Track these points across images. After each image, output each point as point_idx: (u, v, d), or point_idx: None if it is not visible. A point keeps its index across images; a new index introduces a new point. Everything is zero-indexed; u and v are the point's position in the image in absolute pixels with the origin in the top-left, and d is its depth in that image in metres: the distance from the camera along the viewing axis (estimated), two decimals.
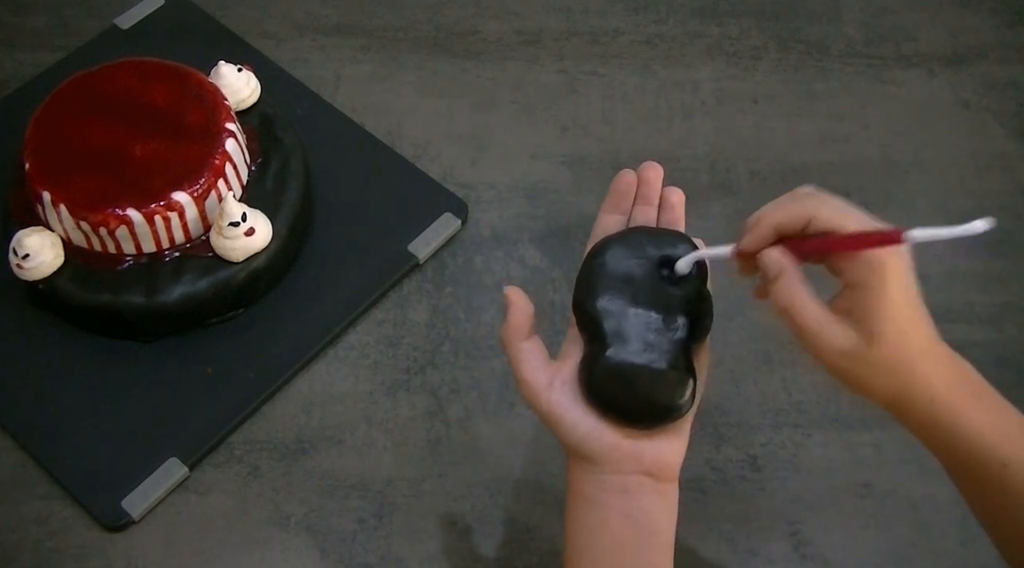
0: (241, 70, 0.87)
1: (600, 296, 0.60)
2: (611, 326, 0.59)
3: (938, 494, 0.79)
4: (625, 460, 0.58)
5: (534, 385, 0.59)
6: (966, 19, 1.08)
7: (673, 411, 0.58)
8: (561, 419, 0.59)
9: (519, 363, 0.60)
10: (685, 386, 0.59)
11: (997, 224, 0.54)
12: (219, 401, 0.80)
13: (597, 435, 0.58)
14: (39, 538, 0.75)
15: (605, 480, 0.59)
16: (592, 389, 0.58)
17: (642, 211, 0.67)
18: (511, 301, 0.61)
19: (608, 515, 0.58)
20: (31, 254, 0.79)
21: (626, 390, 0.58)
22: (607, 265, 0.61)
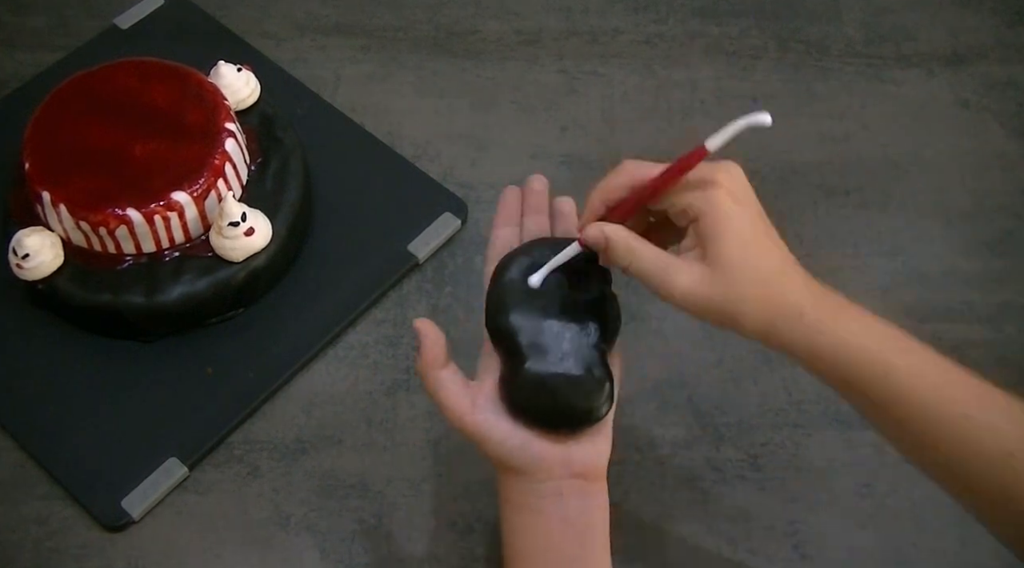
0: (241, 70, 0.87)
1: (512, 312, 0.62)
2: (526, 340, 0.61)
3: (938, 494, 0.79)
4: (555, 466, 0.60)
5: (457, 410, 0.61)
6: (966, 19, 1.08)
7: (593, 414, 0.60)
8: (488, 436, 0.60)
9: (439, 391, 0.61)
10: (603, 389, 0.60)
11: (997, 224, 0.54)
12: (219, 401, 0.80)
13: (525, 446, 0.60)
14: (39, 538, 0.75)
15: (539, 488, 0.60)
16: (515, 403, 0.60)
17: (533, 220, 0.68)
18: (423, 334, 0.63)
19: (546, 520, 0.60)
20: (31, 254, 0.79)
21: (548, 399, 0.59)
22: (514, 280, 0.63)
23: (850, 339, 0.57)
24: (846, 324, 0.57)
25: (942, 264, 0.90)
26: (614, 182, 0.60)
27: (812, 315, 0.57)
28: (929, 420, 0.57)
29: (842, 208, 0.94)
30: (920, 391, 0.57)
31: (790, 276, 0.58)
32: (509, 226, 0.68)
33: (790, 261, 0.58)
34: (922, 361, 0.58)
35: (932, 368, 0.58)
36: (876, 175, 0.96)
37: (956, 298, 0.89)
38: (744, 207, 0.57)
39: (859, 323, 0.58)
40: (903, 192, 0.95)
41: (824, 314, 0.57)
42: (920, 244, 0.92)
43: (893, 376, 0.56)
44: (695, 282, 0.56)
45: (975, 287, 0.89)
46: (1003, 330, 0.87)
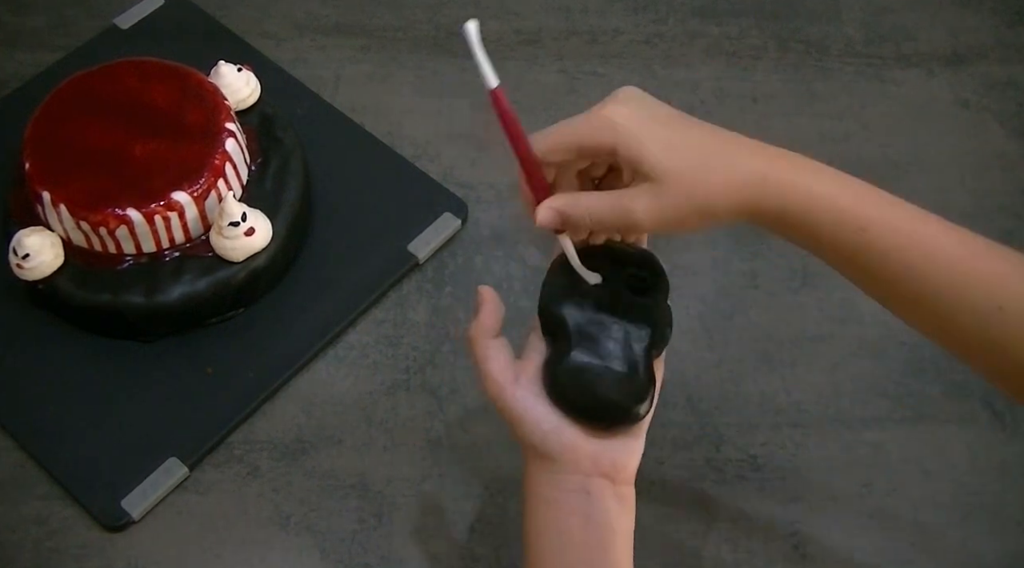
0: (241, 70, 0.87)
1: (566, 301, 0.62)
2: (575, 330, 0.61)
3: (938, 494, 0.80)
4: (584, 460, 0.59)
5: (500, 381, 0.60)
6: (966, 19, 1.08)
7: (631, 413, 0.60)
8: (524, 416, 0.60)
9: (486, 360, 0.61)
10: (644, 391, 0.60)
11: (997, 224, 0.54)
12: (219, 401, 0.80)
13: (558, 433, 0.59)
14: (39, 538, 0.75)
15: (565, 480, 0.59)
16: (555, 387, 0.60)
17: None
18: (484, 299, 0.62)
19: (567, 516, 0.59)
20: (31, 254, 0.79)
21: (588, 390, 0.59)
22: (573, 273, 0.63)
23: (822, 195, 0.56)
24: (816, 181, 0.57)
25: None
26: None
27: (776, 176, 0.56)
28: (913, 275, 0.56)
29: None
30: (900, 246, 0.56)
31: (733, 148, 0.57)
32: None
33: (726, 137, 0.58)
34: (900, 214, 0.57)
35: (910, 221, 0.57)
36: (876, 175, 0.95)
37: None
38: (642, 117, 0.57)
39: (830, 180, 0.57)
40: (903, 192, 0.94)
41: (787, 173, 0.56)
42: None
43: (871, 231, 0.56)
44: (650, 201, 0.56)
45: None
46: None
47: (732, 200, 0.56)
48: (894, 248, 0.56)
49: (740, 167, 0.56)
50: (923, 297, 0.56)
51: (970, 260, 0.56)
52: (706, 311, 0.87)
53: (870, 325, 0.87)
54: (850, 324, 0.87)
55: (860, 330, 0.87)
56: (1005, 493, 0.79)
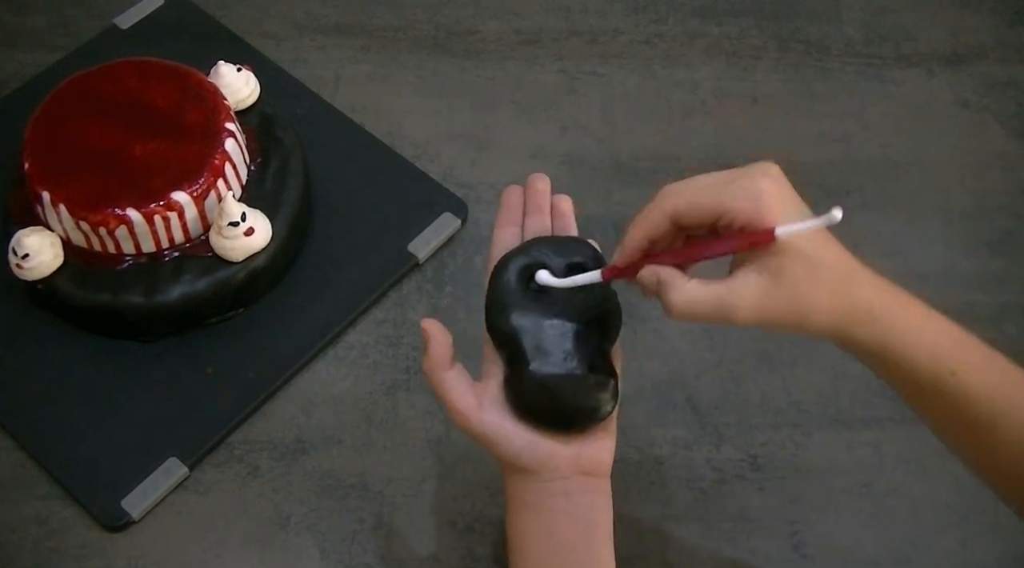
0: (241, 70, 0.87)
1: (512, 313, 0.61)
2: (528, 341, 0.60)
3: (938, 494, 0.79)
4: (563, 465, 0.60)
5: (464, 410, 0.60)
6: (966, 19, 1.08)
7: (599, 412, 0.60)
8: (495, 437, 0.60)
9: (446, 392, 0.61)
10: (607, 387, 0.60)
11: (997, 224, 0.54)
12: (219, 401, 0.80)
13: (532, 447, 0.60)
14: (39, 538, 0.75)
15: (547, 487, 0.60)
16: (521, 404, 0.60)
17: (535, 220, 0.68)
18: (430, 334, 0.62)
19: (552, 518, 0.60)
20: (31, 254, 0.79)
21: (553, 400, 0.59)
22: (513, 281, 0.62)
23: (919, 336, 0.56)
24: (914, 320, 0.56)
25: (942, 264, 0.90)
26: (655, 213, 0.57)
27: (883, 315, 0.56)
28: (996, 421, 0.56)
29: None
30: (988, 391, 0.56)
31: (857, 275, 0.56)
32: (511, 227, 0.68)
33: (852, 260, 0.56)
34: (990, 362, 0.57)
35: (999, 368, 0.57)
36: (876, 175, 0.96)
37: (956, 298, 0.89)
38: (790, 204, 0.55)
39: (926, 320, 0.57)
40: (903, 192, 0.95)
41: (894, 313, 0.56)
42: (920, 244, 0.92)
43: (961, 375, 0.56)
44: (758, 302, 0.54)
45: (975, 287, 0.89)
46: (1003, 330, 0.87)
47: (833, 322, 0.55)
48: (983, 392, 0.56)
49: (856, 297, 0.55)
50: (999, 445, 0.56)
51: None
52: None
53: None
54: None
55: None
56: None
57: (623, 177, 0.95)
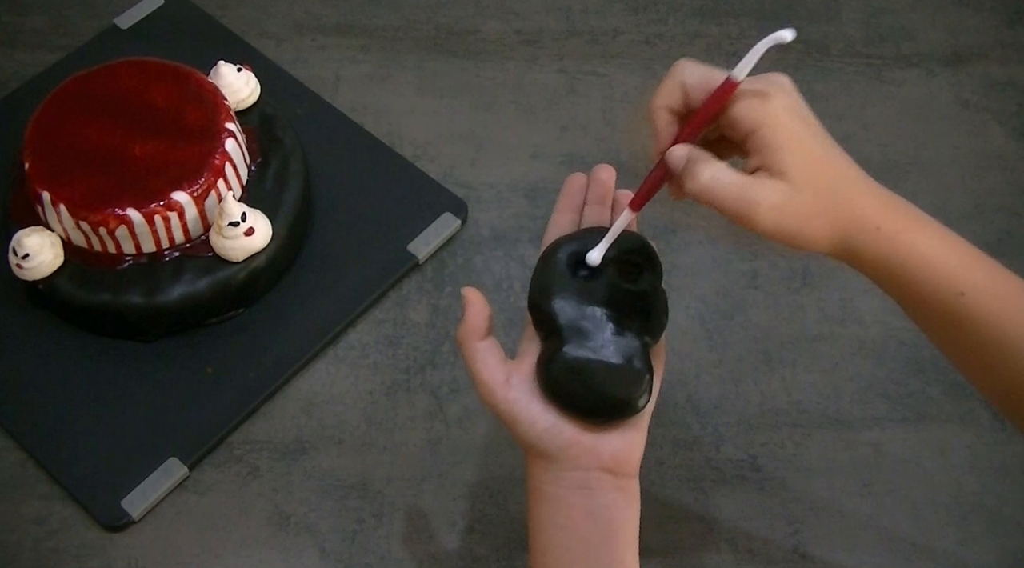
0: (241, 70, 0.87)
1: (556, 295, 0.61)
2: (567, 323, 0.59)
3: (938, 494, 0.80)
4: (584, 456, 0.58)
5: (491, 383, 0.59)
6: (966, 19, 1.08)
7: (629, 406, 0.59)
8: (519, 416, 0.59)
9: (475, 363, 0.60)
10: (641, 381, 0.59)
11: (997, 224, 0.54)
12: (219, 401, 0.80)
13: (555, 431, 0.58)
14: (39, 538, 0.75)
15: (565, 477, 0.59)
16: (550, 385, 0.59)
17: (594, 211, 0.67)
18: (469, 301, 0.61)
19: (570, 513, 0.59)
20: (31, 254, 0.79)
21: (583, 385, 0.58)
22: (562, 264, 0.62)
23: (926, 253, 0.55)
24: (923, 238, 0.55)
25: None
26: (669, 82, 0.57)
27: (888, 227, 0.55)
28: (1004, 346, 0.55)
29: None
30: (996, 313, 0.55)
31: (862, 186, 0.56)
32: (569, 212, 0.67)
33: (858, 171, 0.56)
34: (1001, 282, 0.56)
35: (1010, 291, 0.56)
36: (876, 175, 0.95)
37: None
38: (800, 116, 0.55)
39: (936, 238, 0.56)
40: (903, 192, 0.95)
41: (900, 226, 0.55)
42: None
43: (969, 296, 0.55)
44: (775, 203, 0.54)
45: None
46: None
47: (836, 236, 0.55)
48: (991, 314, 0.55)
49: (861, 208, 0.55)
50: (1007, 366, 0.55)
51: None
52: (706, 311, 0.87)
53: (870, 325, 0.87)
54: (850, 324, 0.87)
55: (860, 330, 0.87)
56: (1005, 493, 0.79)
57: (623, 177, 0.94)
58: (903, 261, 0.55)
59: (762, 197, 0.54)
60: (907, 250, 0.55)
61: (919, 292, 0.56)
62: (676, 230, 0.91)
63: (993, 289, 0.55)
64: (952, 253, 0.56)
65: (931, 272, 0.55)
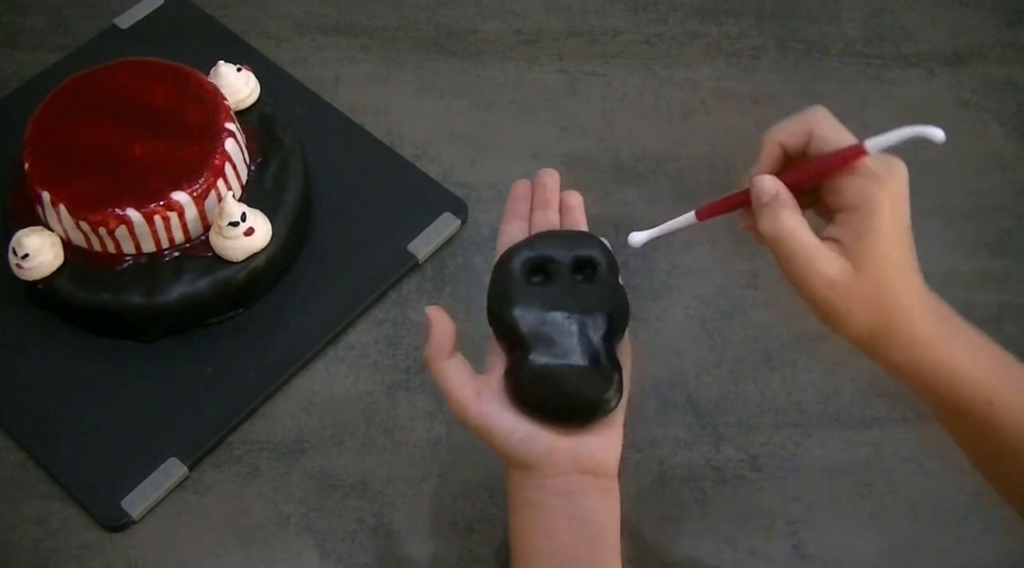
0: (240, 70, 0.87)
1: (516, 303, 0.61)
2: (530, 332, 0.60)
3: (938, 494, 0.80)
4: (562, 461, 0.59)
5: (462, 400, 0.59)
6: (965, 19, 1.08)
7: (602, 406, 0.59)
8: (493, 429, 0.59)
9: (445, 381, 0.60)
10: (611, 380, 0.59)
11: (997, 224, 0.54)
12: (219, 401, 0.80)
13: (531, 440, 0.59)
14: (39, 538, 0.75)
15: (546, 484, 0.59)
16: (520, 395, 0.59)
17: (542, 216, 0.67)
18: (433, 321, 0.61)
19: (553, 518, 0.59)
20: (31, 254, 0.79)
21: (553, 391, 0.58)
22: (517, 272, 0.62)
23: (956, 362, 0.55)
24: (954, 346, 0.56)
25: (942, 264, 0.90)
26: (792, 126, 0.58)
27: (924, 343, 0.55)
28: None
29: None
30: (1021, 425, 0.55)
31: (916, 291, 0.56)
32: (517, 221, 0.67)
33: (918, 275, 0.56)
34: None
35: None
36: None
37: (956, 298, 0.88)
38: (901, 213, 0.55)
39: (968, 346, 0.56)
40: None
41: (937, 341, 0.55)
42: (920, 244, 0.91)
43: (998, 405, 0.55)
44: (835, 280, 0.54)
45: (975, 287, 0.89)
46: (1003, 330, 0.87)
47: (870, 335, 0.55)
48: (1018, 423, 0.55)
49: (909, 316, 0.55)
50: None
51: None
52: (706, 311, 0.87)
53: None
54: None
55: None
56: None
57: (623, 177, 0.95)
58: (931, 369, 0.56)
59: (827, 271, 0.54)
60: (934, 358, 0.55)
61: (945, 399, 0.56)
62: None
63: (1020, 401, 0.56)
64: (981, 362, 0.56)
65: (959, 381, 0.55)
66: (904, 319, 0.55)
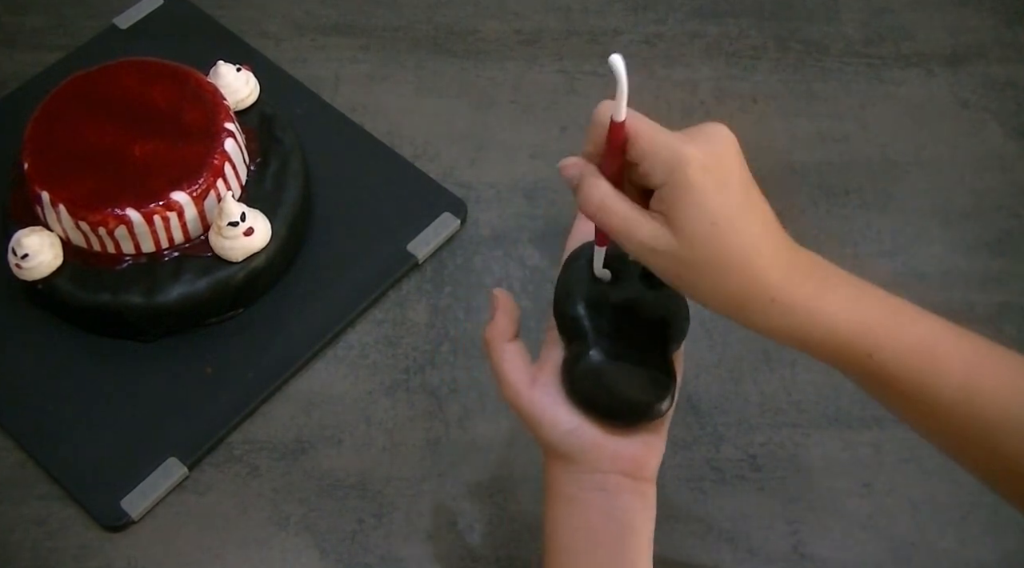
0: (240, 70, 0.87)
1: (580, 300, 0.61)
2: (591, 329, 0.60)
3: (938, 494, 0.80)
4: (604, 458, 0.59)
5: (517, 384, 0.60)
6: (965, 19, 1.08)
7: (652, 410, 0.59)
8: (542, 417, 0.59)
9: (503, 363, 0.61)
10: (664, 387, 0.60)
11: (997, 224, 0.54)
12: (218, 401, 0.80)
13: (578, 433, 0.59)
14: (39, 538, 0.75)
15: (584, 479, 0.59)
16: (574, 388, 0.59)
17: None
18: (499, 303, 0.62)
19: (588, 514, 0.59)
20: (30, 254, 0.79)
21: (606, 389, 0.59)
22: (586, 269, 0.62)
23: (828, 320, 0.54)
24: (824, 304, 0.54)
25: (942, 264, 0.90)
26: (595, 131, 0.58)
27: (785, 299, 0.54)
28: (924, 394, 0.55)
29: (842, 208, 0.94)
30: (909, 367, 0.55)
31: (764, 256, 0.53)
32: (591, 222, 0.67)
33: (768, 237, 0.54)
34: (906, 331, 0.55)
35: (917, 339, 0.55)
36: (875, 175, 0.96)
37: (956, 298, 0.89)
38: (715, 176, 0.52)
39: (840, 301, 0.55)
40: (903, 192, 0.95)
41: (799, 295, 0.54)
42: (920, 244, 0.92)
43: (877, 356, 0.54)
44: (658, 249, 0.53)
45: (975, 287, 0.89)
46: (1003, 330, 0.87)
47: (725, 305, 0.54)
48: (903, 370, 0.55)
49: (755, 281, 0.53)
50: (936, 415, 0.56)
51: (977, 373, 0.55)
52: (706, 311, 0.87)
53: None
54: None
55: None
56: None
57: None
58: (800, 329, 0.54)
59: (645, 240, 0.53)
60: (804, 317, 0.54)
61: (824, 354, 0.55)
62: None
63: (900, 342, 0.55)
64: (852, 314, 0.55)
65: (833, 337, 0.54)
66: (754, 287, 0.53)
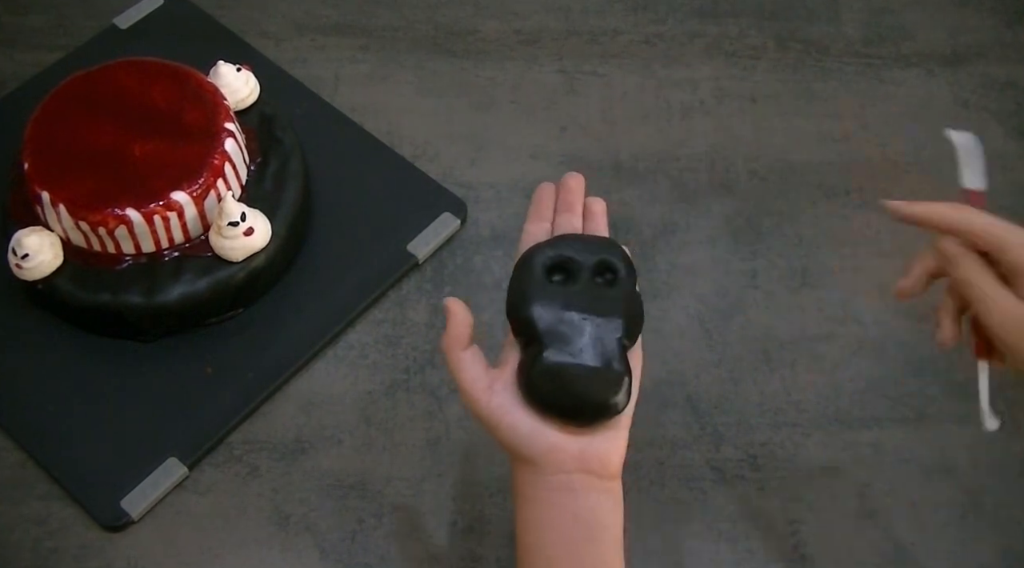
0: (240, 70, 0.87)
1: (534, 301, 0.62)
2: (546, 329, 0.61)
3: (938, 494, 0.80)
4: (567, 459, 0.59)
5: (473, 391, 0.61)
6: (965, 19, 1.08)
7: (610, 408, 0.60)
8: (501, 422, 0.60)
9: (459, 371, 0.62)
10: (621, 383, 0.60)
11: None
12: (218, 401, 0.80)
13: (537, 436, 0.59)
14: (39, 538, 0.75)
15: (550, 480, 0.60)
16: (530, 390, 0.60)
17: (566, 218, 0.68)
18: (451, 312, 0.63)
19: (556, 515, 0.60)
20: (30, 254, 0.79)
21: (563, 389, 0.59)
22: (538, 270, 0.63)
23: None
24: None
25: None
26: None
27: None
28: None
29: (842, 208, 0.94)
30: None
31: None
32: (541, 222, 0.68)
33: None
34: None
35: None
36: (875, 175, 0.96)
37: None
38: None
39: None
40: (902, 192, 0.95)
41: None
42: (920, 244, 0.92)
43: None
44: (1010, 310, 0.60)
45: None
46: None
47: None
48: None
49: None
50: None
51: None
52: (706, 311, 0.87)
53: (870, 325, 0.87)
54: (850, 324, 0.87)
55: (860, 330, 0.87)
56: (1005, 493, 0.79)
57: (623, 177, 0.95)
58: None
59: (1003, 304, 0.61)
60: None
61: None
62: (676, 230, 0.91)
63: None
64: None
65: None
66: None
